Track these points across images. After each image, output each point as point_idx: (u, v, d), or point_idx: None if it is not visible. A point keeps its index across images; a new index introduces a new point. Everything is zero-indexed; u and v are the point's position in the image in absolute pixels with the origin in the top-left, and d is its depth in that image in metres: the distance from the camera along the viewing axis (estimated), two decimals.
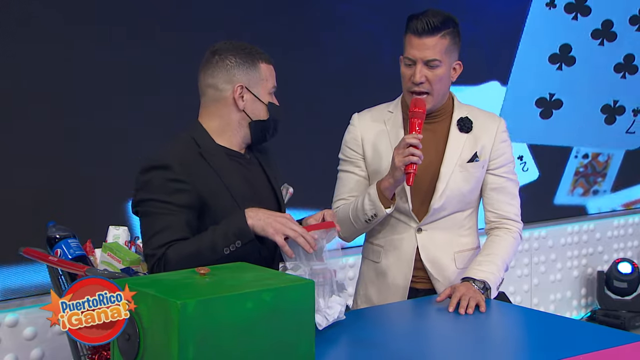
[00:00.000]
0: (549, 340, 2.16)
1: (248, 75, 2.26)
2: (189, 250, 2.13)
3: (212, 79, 2.28)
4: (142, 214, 2.22)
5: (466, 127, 2.62)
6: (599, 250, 5.20)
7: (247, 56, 2.27)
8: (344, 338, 2.15)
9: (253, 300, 1.69)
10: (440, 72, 2.52)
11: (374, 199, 2.50)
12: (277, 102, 2.34)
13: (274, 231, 2.14)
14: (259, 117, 2.30)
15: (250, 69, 2.27)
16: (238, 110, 2.28)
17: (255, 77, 2.27)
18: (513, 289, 4.79)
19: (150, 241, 2.17)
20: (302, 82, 3.93)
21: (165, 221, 2.16)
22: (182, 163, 2.19)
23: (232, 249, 2.13)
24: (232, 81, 2.26)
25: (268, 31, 3.78)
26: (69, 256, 2.90)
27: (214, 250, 2.13)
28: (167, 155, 2.21)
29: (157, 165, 2.19)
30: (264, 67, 2.29)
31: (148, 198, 2.19)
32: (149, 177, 2.19)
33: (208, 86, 2.29)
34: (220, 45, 2.31)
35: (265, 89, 2.30)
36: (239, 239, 2.13)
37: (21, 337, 3.24)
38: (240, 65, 2.26)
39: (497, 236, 2.63)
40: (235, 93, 2.26)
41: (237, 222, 2.15)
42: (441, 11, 2.54)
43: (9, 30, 3.19)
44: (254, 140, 2.34)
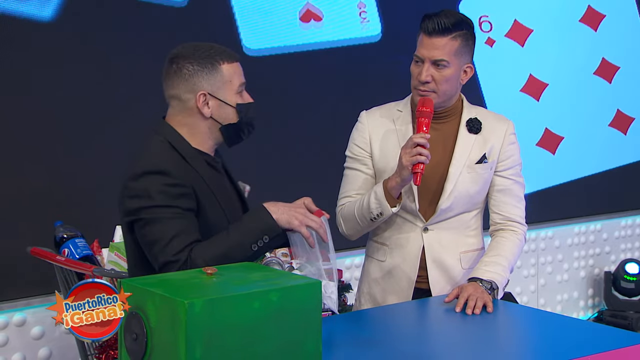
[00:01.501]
0: (556, 341, 2.16)
1: (210, 81, 2.14)
2: (215, 251, 2.06)
3: (173, 90, 2.17)
4: (149, 221, 2.08)
5: (475, 128, 2.62)
6: (606, 251, 5.19)
7: (206, 60, 2.14)
8: (351, 338, 2.15)
9: (260, 300, 1.69)
10: (447, 73, 2.51)
11: (380, 198, 2.50)
12: (249, 98, 2.21)
13: (299, 223, 2.12)
14: (228, 121, 2.19)
15: (211, 74, 2.14)
16: (205, 118, 2.17)
17: (218, 80, 2.14)
18: (520, 290, 4.78)
19: (168, 247, 2.05)
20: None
21: (179, 225, 2.07)
22: (178, 169, 2.11)
23: (259, 245, 2.09)
24: (194, 90, 2.14)
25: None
26: (76, 256, 2.91)
27: (243, 248, 2.08)
28: (161, 160, 2.11)
29: (152, 171, 2.09)
30: (227, 67, 2.16)
31: (151, 205, 2.07)
32: (146, 184, 2.08)
33: (171, 97, 2.19)
34: (178, 50, 2.18)
35: (232, 90, 2.17)
36: (266, 234, 2.09)
37: (29, 336, 3.25)
38: (199, 72, 2.13)
39: (502, 237, 2.63)
40: (199, 102, 2.14)
41: (262, 217, 2.10)
42: (456, 12, 2.54)
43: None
44: (229, 143, 2.24)
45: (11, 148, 3.24)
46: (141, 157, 2.15)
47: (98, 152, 3.40)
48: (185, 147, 2.17)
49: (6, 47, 3.20)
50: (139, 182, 2.09)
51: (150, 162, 2.11)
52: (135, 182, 2.09)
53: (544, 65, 4.83)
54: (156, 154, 2.14)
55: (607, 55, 5.07)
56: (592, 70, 5.03)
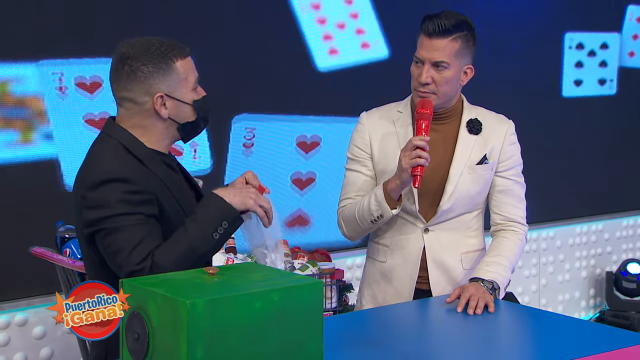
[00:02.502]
0: (558, 341, 2.16)
1: (166, 82, 2.06)
2: (178, 249, 2.01)
3: (127, 92, 2.08)
4: (110, 230, 2.01)
5: (475, 128, 2.62)
6: (608, 251, 5.19)
7: (160, 59, 2.06)
8: (352, 338, 2.15)
9: (262, 300, 1.69)
10: (447, 74, 2.51)
11: (380, 200, 2.50)
12: (202, 91, 2.14)
13: (254, 203, 2.09)
14: (186, 120, 2.13)
15: (167, 74, 2.06)
16: (162, 119, 2.10)
17: (174, 80, 2.07)
18: (521, 290, 4.78)
19: (131, 256, 1.99)
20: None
21: (141, 232, 2.00)
22: (137, 175, 2.04)
23: (220, 232, 2.05)
24: (150, 92, 2.07)
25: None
26: (77, 256, 2.91)
27: (204, 239, 2.03)
28: (118, 167, 2.03)
29: (112, 179, 2.01)
30: (181, 64, 2.08)
31: (112, 214, 2.00)
32: (105, 193, 2.00)
33: (124, 99, 2.10)
34: (128, 50, 2.07)
35: (187, 88, 2.10)
36: (224, 219, 2.05)
37: (30, 336, 3.25)
38: (154, 73, 2.05)
39: (504, 238, 2.62)
40: (156, 104, 2.07)
41: (216, 204, 2.06)
42: (457, 13, 2.52)
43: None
44: (185, 139, 2.19)
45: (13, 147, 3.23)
46: (95, 164, 2.07)
47: None
48: (140, 150, 2.10)
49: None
50: (98, 191, 2.01)
51: (107, 170, 2.03)
52: (94, 192, 2.02)
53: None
54: (112, 161, 2.05)
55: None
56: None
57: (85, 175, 2.07)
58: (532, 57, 4.78)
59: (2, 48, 3.20)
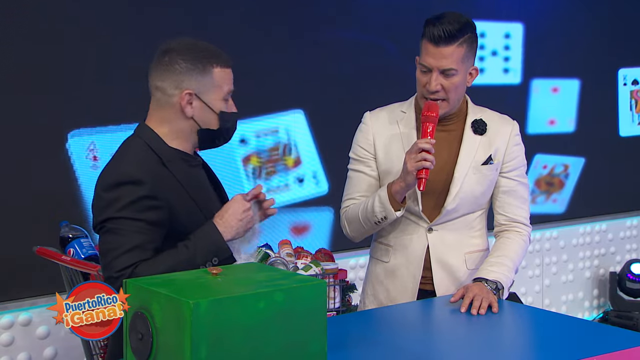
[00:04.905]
0: (561, 341, 2.16)
1: (198, 82, 2.11)
2: (162, 269, 2.02)
3: (160, 82, 2.14)
4: (109, 231, 2.06)
5: (480, 129, 2.61)
6: (612, 251, 5.18)
7: (199, 60, 2.11)
8: (355, 338, 2.15)
9: (265, 300, 1.70)
10: (456, 80, 2.49)
11: (384, 202, 2.50)
12: (234, 107, 2.18)
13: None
14: (208, 126, 2.17)
15: (201, 75, 2.11)
16: (186, 118, 2.14)
17: (207, 83, 2.11)
18: (524, 290, 4.78)
19: (115, 262, 2.03)
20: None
21: (136, 240, 2.04)
22: (153, 177, 2.08)
23: (208, 265, 2.09)
24: (180, 87, 2.11)
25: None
26: (81, 255, 2.92)
27: (192, 266, 2.06)
28: (135, 169, 2.08)
29: (126, 181, 2.06)
30: (218, 71, 2.13)
31: (118, 216, 2.05)
32: (117, 194, 2.06)
33: (156, 88, 2.16)
34: (174, 44, 2.14)
35: (219, 96, 2.14)
36: (216, 256, 2.11)
37: (34, 335, 3.26)
38: (190, 70, 2.11)
39: (507, 238, 2.62)
40: (183, 100, 2.12)
41: (212, 239, 2.12)
42: (459, 15, 2.49)
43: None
44: (201, 147, 2.22)
45: (16, 147, 3.24)
46: (116, 164, 2.13)
47: (104, 152, 3.40)
48: (163, 149, 2.14)
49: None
50: (111, 192, 2.07)
51: (124, 172, 2.08)
52: (107, 193, 2.08)
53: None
54: (130, 162, 2.10)
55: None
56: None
57: (104, 174, 2.13)
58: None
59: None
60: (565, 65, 4.89)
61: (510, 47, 4.66)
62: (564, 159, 4.95)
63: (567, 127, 4.96)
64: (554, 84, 4.87)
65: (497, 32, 4.61)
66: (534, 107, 4.79)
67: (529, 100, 4.76)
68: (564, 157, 4.95)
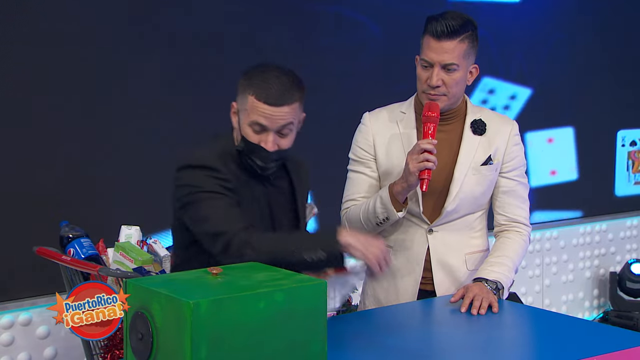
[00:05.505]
0: (561, 341, 2.16)
1: (240, 100, 2.27)
2: (272, 246, 2.12)
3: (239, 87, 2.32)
4: (201, 198, 2.18)
5: (480, 129, 2.62)
6: (612, 251, 5.18)
7: (249, 83, 2.24)
8: (356, 338, 2.15)
9: (265, 300, 1.70)
10: (457, 76, 2.50)
11: (385, 203, 2.50)
12: (266, 141, 2.22)
13: (376, 261, 2.18)
14: (237, 141, 2.30)
15: (242, 95, 2.26)
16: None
17: (243, 104, 2.25)
18: (524, 290, 4.78)
19: (222, 221, 2.14)
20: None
21: (232, 203, 2.17)
22: (225, 166, 2.23)
23: (313, 257, 2.12)
24: (236, 98, 2.30)
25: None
26: (81, 255, 2.92)
27: (296, 250, 2.11)
28: (208, 156, 2.23)
29: (195, 165, 2.21)
30: (252, 100, 2.22)
31: (202, 190, 2.18)
32: (196, 174, 2.20)
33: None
34: (254, 66, 2.30)
35: (246, 120, 2.24)
36: (325, 251, 2.13)
37: (34, 335, 3.26)
38: (242, 87, 2.27)
39: (507, 238, 2.62)
40: (232, 108, 2.30)
41: (329, 237, 2.15)
42: (461, 13, 2.52)
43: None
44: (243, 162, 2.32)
45: (17, 147, 3.24)
46: (196, 149, 2.27)
47: (104, 152, 3.41)
48: (232, 149, 2.29)
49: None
50: (191, 172, 2.21)
51: (197, 156, 2.23)
52: (186, 172, 2.22)
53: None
54: (206, 150, 2.26)
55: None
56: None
57: (181, 157, 2.27)
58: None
59: None
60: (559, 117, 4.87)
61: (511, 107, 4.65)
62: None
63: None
64: (550, 135, 4.82)
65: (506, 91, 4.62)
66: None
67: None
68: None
